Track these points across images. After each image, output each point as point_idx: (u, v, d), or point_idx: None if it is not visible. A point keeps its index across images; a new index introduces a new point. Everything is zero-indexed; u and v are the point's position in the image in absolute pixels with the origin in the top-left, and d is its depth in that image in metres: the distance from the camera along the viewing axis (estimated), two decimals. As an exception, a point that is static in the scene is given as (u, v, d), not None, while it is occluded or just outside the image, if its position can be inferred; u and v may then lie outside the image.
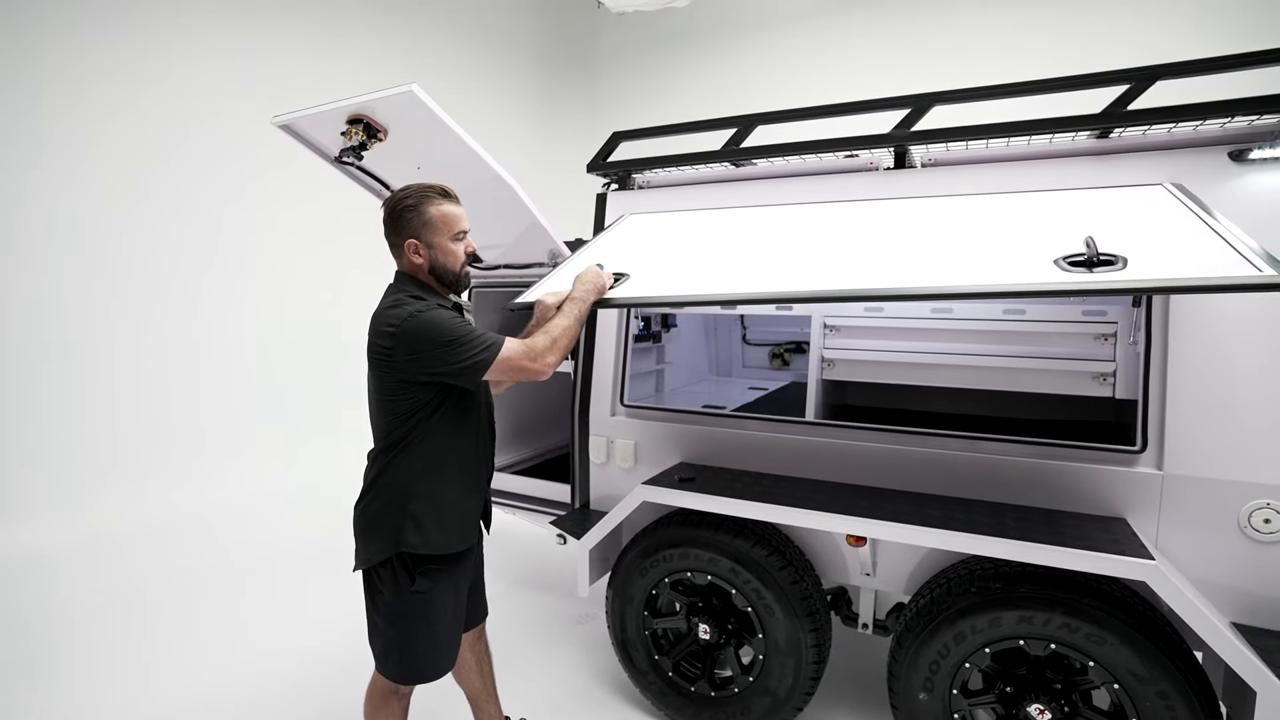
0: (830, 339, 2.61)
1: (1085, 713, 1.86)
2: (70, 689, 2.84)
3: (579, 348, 3.03)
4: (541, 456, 3.99)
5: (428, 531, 1.76)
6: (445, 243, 1.79)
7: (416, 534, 1.76)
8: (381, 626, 1.82)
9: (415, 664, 1.83)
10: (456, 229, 1.80)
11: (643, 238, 2.44)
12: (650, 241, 2.39)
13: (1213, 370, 1.90)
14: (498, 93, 7.74)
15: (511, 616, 3.33)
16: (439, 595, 1.81)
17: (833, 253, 1.97)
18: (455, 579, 1.85)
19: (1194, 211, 1.67)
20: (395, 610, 1.79)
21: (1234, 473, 1.86)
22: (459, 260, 1.82)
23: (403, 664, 1.83)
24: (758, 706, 2.31)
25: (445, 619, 1.84)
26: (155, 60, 4.99)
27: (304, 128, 2.53)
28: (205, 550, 4.30)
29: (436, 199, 1.78)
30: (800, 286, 1.77)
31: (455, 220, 1.80)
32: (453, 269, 1.82)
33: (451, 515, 1.81)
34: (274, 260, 5.75)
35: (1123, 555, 1.71)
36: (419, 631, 1.80)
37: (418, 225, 1.77)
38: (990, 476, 2.17)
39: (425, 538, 1.76)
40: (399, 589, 1.78)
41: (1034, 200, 1.99)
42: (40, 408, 4.49)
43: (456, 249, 1.81)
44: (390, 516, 1.77)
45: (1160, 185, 1.91)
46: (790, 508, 2.12)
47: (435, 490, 1.78)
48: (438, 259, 1.79)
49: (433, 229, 1.77)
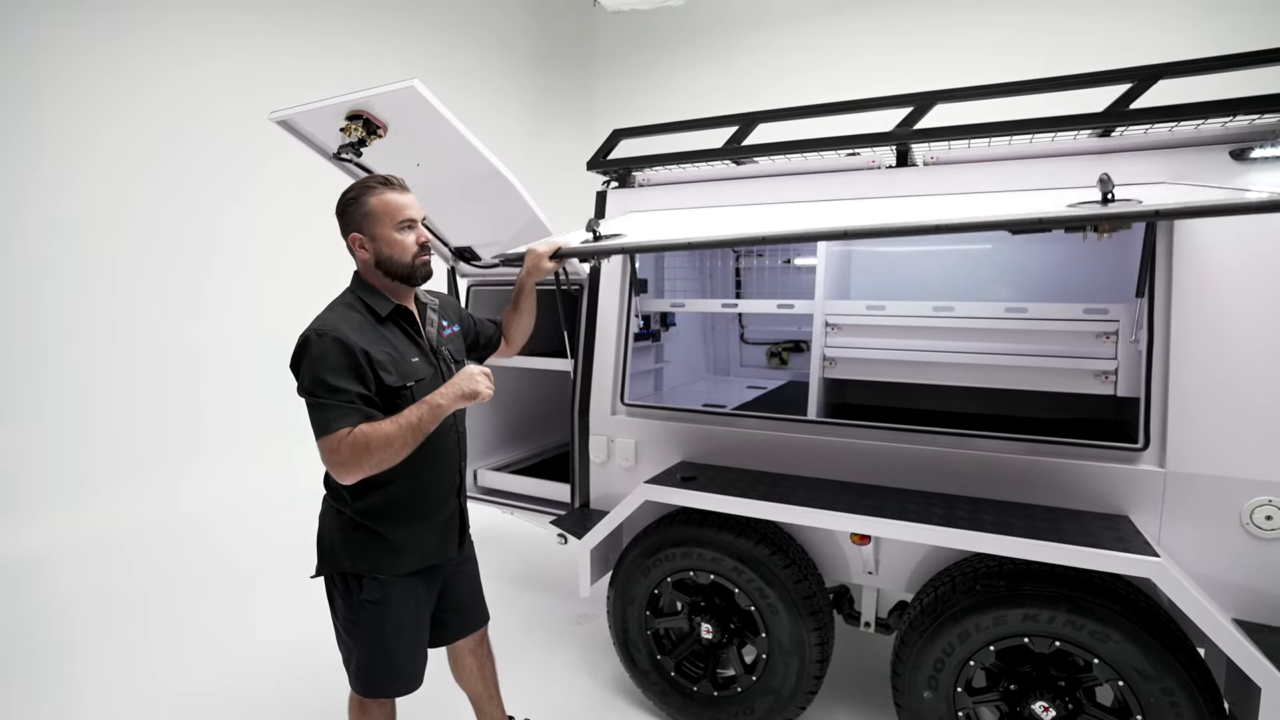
0: (832, 337, 2.61)
1: (1089, 709, 1.86)
2: (70, 689, 2.81)
3: (578, 347, 3.02)
4: (539, 456, 3.97)
5: (373, 556, 1.69)
6: (389, 233, 1.67)
7: (361, 558, 1.69)
8: (341, 635, 1.78)
9: (372, 677, 1.76)
10: (400, 217, 1.68)
11: (640, 221, 2.43)
12: (648, 222, 2.39)
13: (1215, 368, 1.91)
14: (493, 92, 7.71)
15: (510, 617, 3.32)
16: (394, 606, 1.72)
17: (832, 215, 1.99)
18: (413, 589, 1.76)
19: (1198, 184, 1.68)
20: (349, 620, 1.73)
21: (1236, 470, 1.87)
22: (407, 250, 1.69)
23: (361, 676, 1.77)
24: (761, 706, 2.30)
25: (403, 632, 1.74)
26: (154, 60, 4.97)
27: (302, 124, 2.50)
28: (205, 550, 4.27)
29: (377, 188, 1.68)
30: (789, 228, 1.78)
31: (398, 208, 1.68)
32: (401, 260, 1.69)
33: (403, 537, 1.71)
34: (274, 260, 5.71)
35: (1128, 552, 1.72)
36: (373, 643, 1.73)
37: (359, 218, 1.67)
38: (992, 474, 2.18)
39: (371, 562, 1.69)
40: (350, 598, 1.72)
41: (1038, 195, 2.00)
42: (40, 408, 4.46)
43: (403, 239, 1.68)
44: (331, 534, 1.72)
45: (1163, 182, 1.92)
46: (798, 507, 2.11)
47: (380, 513, 1.68)
48: (382, 251, 1.67)
49: (374, 219, 1.67)
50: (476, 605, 2.04)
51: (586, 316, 3.00)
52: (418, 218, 1.73)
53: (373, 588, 1.70)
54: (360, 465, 1.52)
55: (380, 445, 1.52)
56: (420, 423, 1.56)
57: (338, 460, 1.53)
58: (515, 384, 3.85)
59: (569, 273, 3.08)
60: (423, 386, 1.67)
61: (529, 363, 3.38)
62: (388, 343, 1.67)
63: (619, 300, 2.88)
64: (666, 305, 3.24)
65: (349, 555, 1.70)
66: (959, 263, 3.29)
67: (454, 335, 1.92)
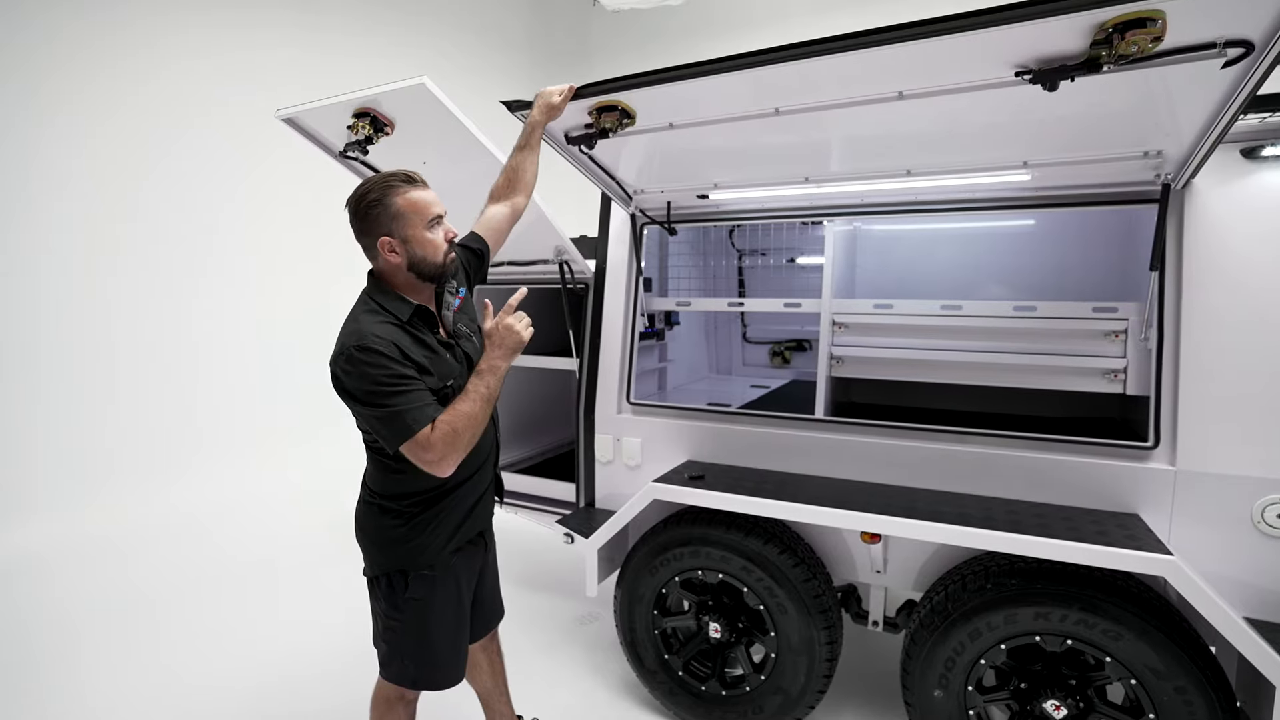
0: (839, 336, 2.60)
1: (1100, 708, 1.86)
2: (70, 689, 2.79)
3: (584, 345, 3.01)
4: (543, 455, 3.96)
5: (419, 548, 1.68)
6: (420, 233, 1.60)
7: (408, 554, 1.68)
8: (383, 631, 1.77)
9: (417, 672, 1.77)
10: (430, 215, 1.60)
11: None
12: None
13: (1225, 366, 1.91)
14: (495, 89, 7.69)
15: (513, 616, 3.27)
16: (437, 601, 1.73)
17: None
18: (455, 581, 1.76)
19: None
20: (393, 616, 1.73)
21: (1247, 468, 1.87)
22: (439, 249, 1.63)
23: (404, 671, 1.77)
24: (769, 705, 2.30)
25: (447, 625, 1.76)
26: (151, 57, 4.93)
27: (308, 121, 2.49)
28: (205, 550, 4.25)
29: (401, 187, 1.59)
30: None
31: (426, 206, 1.60)
32: (434, 260, 1.63)
33: (450, 519, 1.72)
34: (273, 259, 5.69)
35: (1142, 550, 1.72)
36: (418, 639, 1.73)
37: (386, 220, 1.58)
38: (1001, 473, 2.18)
39: (415, 556, 1.68)
40: (394, 595, 1.71)
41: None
42: (39, 408, 4.43)
43: (434, 237, 1.62)
44: (375, 532, 1.71)
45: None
46: (812, 506, 2.11)
47: (431, 501, 1.68)
48: (415, 253, 1.60)
49: (404, 220, 1.58)
50: (496, 602, 2.06)
51: (592, 315, 2.99)
52: (444, 213, 1.66)
53: (418, 585, 1.69)
54: (456, 452, 1.52)
55: (467, 425, 1.52)
56: (490, 391, 1.58)
57: (433, 456, 1.50)
58: (519, 383, 3.84)
59: (575, 272, 3.07)
60: (460, 380, 1.65)
61: (533, 362, 3.37)
62: (420, 344, 1.61)
63: (625, 299, 2.88)
64: (672, 304, 3.24)
65: (394, 553, 1.69)
66: (967, 261, 3.30)
67: (464, 302, 1.85)
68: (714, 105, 2.01)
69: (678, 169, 2.52)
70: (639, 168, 2.56)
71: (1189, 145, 1.83)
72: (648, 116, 2.09)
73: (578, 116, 2.15)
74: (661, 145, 2.31)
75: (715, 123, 2.08)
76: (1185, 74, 1.50)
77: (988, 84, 1.66)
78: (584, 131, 2.20)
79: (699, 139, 2.22)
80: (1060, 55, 1.51)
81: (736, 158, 2.37)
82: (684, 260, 3.88)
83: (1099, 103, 1.72)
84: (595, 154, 2.39)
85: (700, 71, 1.78)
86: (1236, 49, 1.38)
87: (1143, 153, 1.92)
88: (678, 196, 2.72)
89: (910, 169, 2.23)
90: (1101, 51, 1.42)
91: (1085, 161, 2.03)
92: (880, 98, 1.81)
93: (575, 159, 2.41)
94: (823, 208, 2.58)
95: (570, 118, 2.15)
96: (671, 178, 2.60)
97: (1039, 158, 2.06)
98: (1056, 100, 1.59)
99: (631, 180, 2.65)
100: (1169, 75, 1.51)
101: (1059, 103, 1.66)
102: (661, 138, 2.21)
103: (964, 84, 1.70)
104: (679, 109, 2.05)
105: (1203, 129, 1.73)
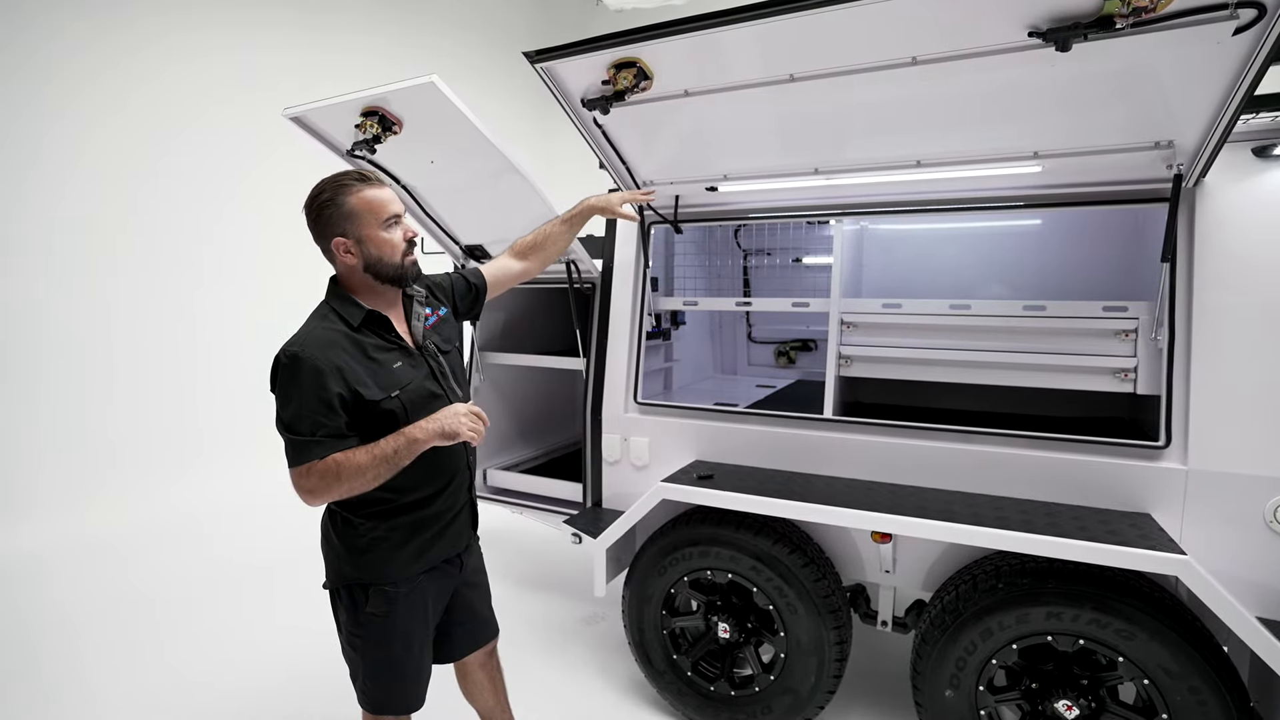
0: (848, 336, 2.60)
1: (1113, 708, 1.86)
2: (70, 690, 2.78)
3: (590, 345, 3.01)
4: (548, 455, 3.95)
5: (381, 562, 1.62)
6: (376, 233, 1.56)
7: (368, 566, 1.62)
8: (345, 650, 1.72)
9: (379, 693, 1.71)
10: (385, 214, 1.57)
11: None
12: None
13: (1236, 365, 1.91)
14: (497, 89, 7.69)
15: (518, 618, 3.30)
16: (400, 619, 1.65)
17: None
18: (422, 602, 1.69)
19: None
20: (354, 634, 1.67)
21: (1258, 468, 1.87)
22: (396, 249, 1.59)
23: (367, 692, 1.71)
24: (779, 706, 2.29)
25: (410, 646, 1.69)
26: (151, 57, 4.93)
27: (316, 120, 2.49)
28: (204, 551, 4.23)
29: (355, 185, 1.56)
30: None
31: (381, 205, 1.57)
32: (391, 260, 1.58)
33: (413, 538, 1.65)
34: (272, 259, 5.66)
35: (1154, 550, 1.71)
36: (379, 657, 1.67)
37: (340, 220, 1.55)
38: (1011, 472, 2.17)
39: (378, 570, 1.62)
40: (356, 612, 1.65)
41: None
42: (39, 408, 4.42)
43: (391, 237, 1.58)
44: (335, 543, 1.65)
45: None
46: (823, 505, 2.10)
47: (390, 516, 1.62)
48: (371, 253, 1.56)
49: (358, 220, 1.55)
50: (486, 619, 1.98)
51: (599, 315, 2.99)
52: (401, 212, 1.63)
53: (378, 600, 1.62)
54: (328, 492, 1.48)
55: (351, 474, 1.46)
56: (396, 454, 1.48)
57: (305, 486, 1.48)
58: (524, 383, 3.83)
59: (582, 271, 3.06)
60: (412, 390, 1.59)
61: (539, 361, 3.36)
62: (364, 354, 1.56)
63: (633, 298, 2.87)
64: (679, 304, 3.23)
65: (355, 564, 1.63)
66: (973, 260, 3.29)
67: (441, 321, 1.79)
68: (730, 70, 2.00)
69: (689, 153, 2.49)
70: (650, 150, 2.52)
71: (1201, 133, 1.81)
72: (664, 80, 2.07)
73: (595, 74, 2.10)
74: (674, 120, 2.29)
75: (731, 89, 2.05)
76: (1196, 51, 1.50)
77: (1001, 48, 1.66)
78: (600, 93, 2.14)
79: (711, 117, 2.21)
80: (1073, 13, 1.52)
81: (747, 140, 2.34)
82: (689, 260, 3.88)
83: (1110, 80, 1.72)
84: (608, 128, 2.36)
85: (721, 21, 1.78)
86: (1250, 11, 1.39)
87: (1154, 143, 1.91)
88: (686, 192, 2.72)
89: (920, 159, 2.21)
90: (1116, 6, 1.43)
91: (1096, 152, 2.01)
92: (894, 62, 1.80)
93: (588, 131, 2.38)
94: (830, 208, 2.57)
95: (587, 76, 2.12)
96: (682, 165, 2.57)
97: (1049, 147, 2.05)
98: (1068, 78, 1.58)
99: (642, 170, 2.63)
100: (1180, 50, 1.51)
101: (1070, 80, 1.66)
102: (675, 112, 2.20)
103: (977, 48, 1.70)
104: (696, 71, 2.04)
105: (1214, 114, 1.72)
